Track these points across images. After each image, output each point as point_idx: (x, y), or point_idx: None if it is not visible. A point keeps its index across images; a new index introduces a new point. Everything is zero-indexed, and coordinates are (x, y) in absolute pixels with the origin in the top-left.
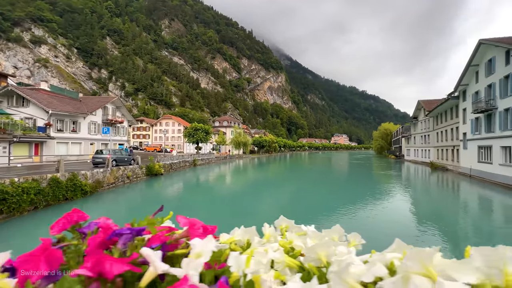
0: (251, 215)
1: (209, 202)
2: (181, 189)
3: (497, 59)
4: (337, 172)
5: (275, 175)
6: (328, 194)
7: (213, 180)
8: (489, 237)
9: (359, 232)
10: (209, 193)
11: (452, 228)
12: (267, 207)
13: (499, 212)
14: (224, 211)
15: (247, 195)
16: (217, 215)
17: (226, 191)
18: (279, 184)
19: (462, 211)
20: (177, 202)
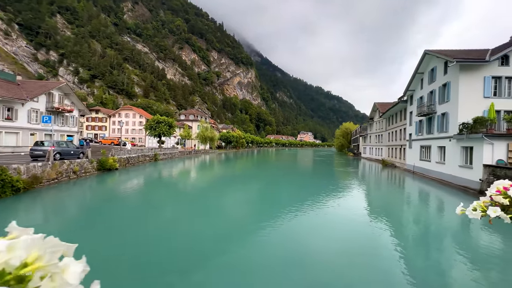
0: (206, 215)
1: (165, 200)
2: (135, 185)
3: (438, 68)
4: (300, 168)
5: (240, 172)
6: (289, 190)
7: (173, 176)
8: (417, 219)
9: (315, 226)
10: (166, 190)
11: (391, 216)
12: (223, 205)
13: (428, 201)
14: (179, 210)
15: (206, 192)
16: (170, 215)
17: (185, 188)
18: (243, 181)
19: (401, 201)
20: (125, 199)
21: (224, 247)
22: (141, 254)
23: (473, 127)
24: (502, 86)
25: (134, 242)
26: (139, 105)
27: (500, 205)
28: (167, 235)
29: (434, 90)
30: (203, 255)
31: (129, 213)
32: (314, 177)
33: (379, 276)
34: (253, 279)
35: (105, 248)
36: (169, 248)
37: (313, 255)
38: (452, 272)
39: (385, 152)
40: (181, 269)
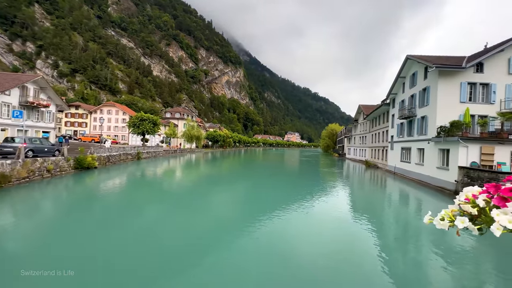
0: (190, 216)
1: (146, 200)
2: (114, 185)
3: (418, 73)
4: (286, 168)
5: (226, 171)
6: (275, 191)
7: (156, 175)
8: (396, 219)
9: (300, 226)
10: (148, 190)
11: (372, 215)
12: (207, 206)
13: (407, 201)
14: (160, 211)
15: (190, 193)
16: (151, 216)
17: (168, 188)
18: (229, 181)
19: (382, 202)
20: (103, 199)
21: (210, 248)
22: (117, 258)
23: (450, 130)
24: (476, 92)
25: (109, 245)
26: (123, 101)
27: (468, 214)
28: (145, 238)
29: (414, 94)
30: (188, 256)
31: (106, 214)
32: (299, 178)
33: (362, 273)
34: (239, 279)
35: (78, 253)
36: (149, 251)
37: (299, 254)
38: (428, 269)
39: (368, 153)
40: (166, 271)
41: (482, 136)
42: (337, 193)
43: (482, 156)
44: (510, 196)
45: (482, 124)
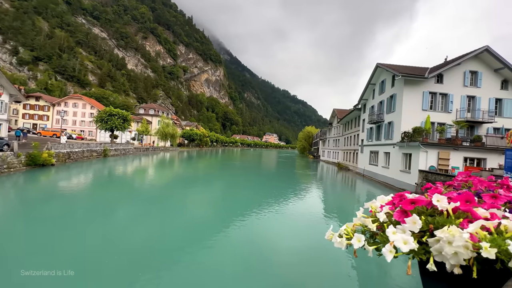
0: (156, 219)
1: (108, 202)
2: (73, 184)
3: (387, 81)
4: (262, 169)
5: (200, 171)
6: (250, 192)
7: (123, 174)
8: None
9: (273, 226)
10: (112, 191)
11: (340, 215)
12: (178, 208)
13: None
14: (124, 213)
15: (159, 194)
16: (112, 220)
17: (134, 188)
18: (202, 181)
19: (350, 202)
20: (57, 200)
21: (184, 250)
22: (71, 264)
23: (412, 136)
24: (436, 101)
25: (61, 250)
26: (92, 95)
27: (369, 231)
28: (103, 243)
29: (383, 100)
30: (160, 259)
31: (59, 217)
32: (274, 179)
33: (332, 270)
34: (215, 279)
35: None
36: (116, 255)
37: (272, 254)
38: (387, 264)
39: (341, 156)
40: (137, 275)
41: (440, 142)
42: (308, 194)
43: (439, 161)
44: (411, 209)
45: (440, 131)
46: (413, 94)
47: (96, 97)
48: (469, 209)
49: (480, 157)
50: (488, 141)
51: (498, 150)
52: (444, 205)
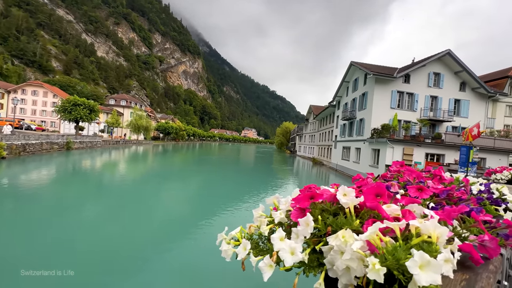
0: (123, 219)
1: (66, 199)
2: (26, 180)
3: (359, 79)
4: (239, 165)
5: (173, 166)
6: (225, 188)
7: (86, 169)
8: None
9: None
10: (72, 187)
11: None
12: (146, 206)
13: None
14: (86, 213)
15: (124, 191)
16: (72, 219)
17: (97, 185)
18: (175, 177)
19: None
20: (8, 197)
21: (155, 250)
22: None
23: (381, 132)
24: (403, 100)
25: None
26: (56, 82)
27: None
28: (67, 245)
29: (356, 98)
30: (130, 261)
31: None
32: (251, 174)
33: None
34: (187, 279)
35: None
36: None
37: None
38: None
39: (316, 151)
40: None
41: (405, 139)
42: (281, 189)
43: (404, 156)
44: (308, 206)
45: (405, 128)
46: (383, 92)
47: (61, 85)
48: (376, 206)
49: (440, 153)
50: (447, 138)
51: (455, 147)
52: (345, 200)
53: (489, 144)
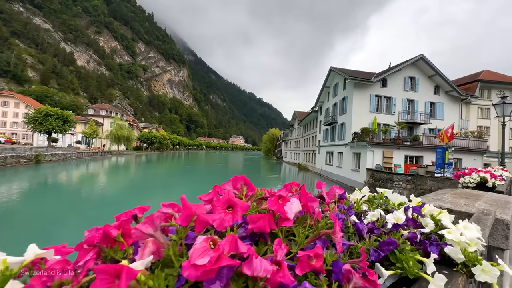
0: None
1: (27, 218)
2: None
3: (339, 84)
4: (225, 173)
5: (155, 177)
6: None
7: (54, 183)
8: None
9: None
10: (34, 204)
11: None
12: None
13: None
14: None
15: (94, 208)
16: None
17: (64, 201)
18: (158, 187)
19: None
20: None
21: None
22: None
23: (361, 136)
24: (382, 104)
25: None
26: (32, 93)
27: None
28: None
29: (336, 102)
30: None
31: None
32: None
33: None
34: None
35: None
36: None
37: None
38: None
39: (301, 157)
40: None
41: (384, 142)
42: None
43: (384, 159)
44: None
45: (384, 132)
46: (362, 96)
47: (37, 95)
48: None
49: (418, 155)
50: (424, 140)
51: (432, 148)
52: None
53: (464, 145)
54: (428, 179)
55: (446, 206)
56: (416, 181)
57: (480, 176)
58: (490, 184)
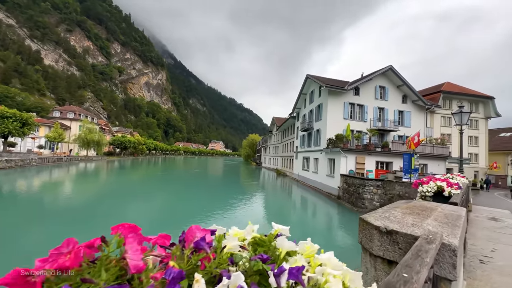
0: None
1: None
2: None
3: (315, 91)
4: (201, 180)
5: (126, 185)
6: (188, 205)
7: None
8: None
9: None
10: None
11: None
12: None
13: (303, 206)
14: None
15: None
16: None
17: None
18: (128, 196)
19: (283, 208)
20: None
21: None
22: None
23: (335, 142)
24: (355, 111)
25: None
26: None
27: None
28: None
29: (312, 109)
30: None
31: None
32: (209, 191)
33: None
34: None
35: None
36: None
37: None
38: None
39: (280, 162)
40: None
41: (357, 148)
42: (246, 202)
43: (357, 165)
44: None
45: (357, 138)
46: (336, 104)
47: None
48: None
49: (388, 161)
50: (393, 146)
51: (400, 154)
52: None
53: (428, 151)
54: (396, 184)
55: (392, 226)
56: (386, 186)
57: (437, 185)
58: (446, 193)
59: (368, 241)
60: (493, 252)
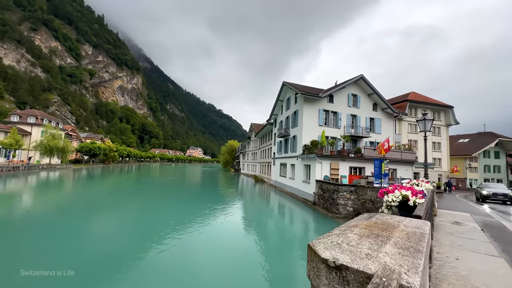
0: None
1: None
2: None
3: (291, 98)
4: (176, 190)
5: (95, 198)
6: (165, 216)
7: None
8: (270, 229)
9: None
10: None
11: (252, 226)
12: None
13: (280, 213)
14: None
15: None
16: None
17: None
18: (110, 210)
19: (259, 214)
20: None
21: None
22: None
23: (310, 148)
24: (329, 118)
25: None
26: None
27: None
28: None
29: (289, 116)
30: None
31: None
32: (185, 201)
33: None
34: None
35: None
36: None
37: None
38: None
39: (258, 169)
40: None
41: (331, 154)
42: (221, 211)
43: (331, 171)
44: None
45: (331, 144)
46: (312, 111)
47: None
48: None
49: (361, 167)
50: (366, 152)
51: (372, 160)
52: None
53: (397, 157)
54: (368, 190)
55: (342, 259)
56: (359, 191)
57: (402, 194)
58: (411, 203)
59: (315, 277)
60: (457, 261)
